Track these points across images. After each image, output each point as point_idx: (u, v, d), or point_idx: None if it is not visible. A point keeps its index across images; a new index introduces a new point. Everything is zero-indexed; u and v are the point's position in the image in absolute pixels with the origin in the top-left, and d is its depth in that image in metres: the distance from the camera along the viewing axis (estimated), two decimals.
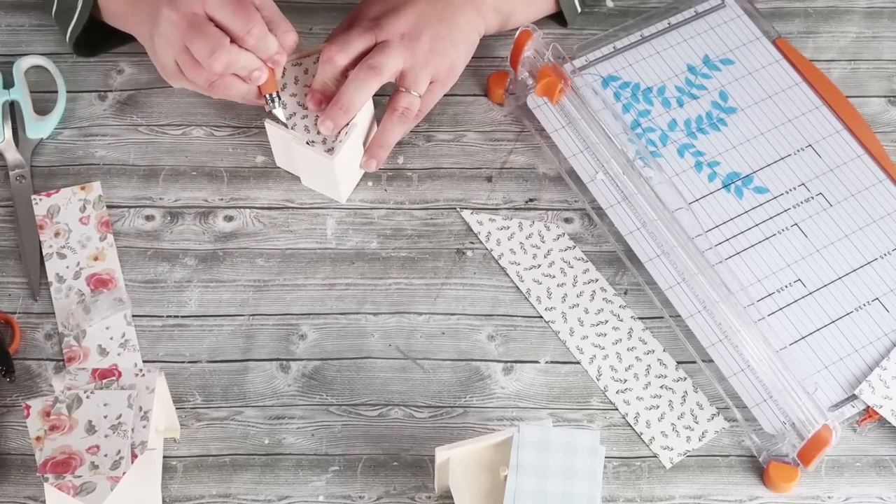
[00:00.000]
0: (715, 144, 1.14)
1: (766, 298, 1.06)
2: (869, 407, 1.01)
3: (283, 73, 1.10)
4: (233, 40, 1.02)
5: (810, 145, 1.14)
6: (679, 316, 1.06)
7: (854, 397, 1.02)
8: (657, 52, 1.19)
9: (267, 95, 1.06)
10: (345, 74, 1.08)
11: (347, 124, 1.07)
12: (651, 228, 1.07)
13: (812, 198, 1.11)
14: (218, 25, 1.02)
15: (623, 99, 1.16)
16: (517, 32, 1.13)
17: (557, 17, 1.21)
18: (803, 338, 1.05)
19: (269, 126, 1.09)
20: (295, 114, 1.09)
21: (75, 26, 1.15)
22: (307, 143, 1.07)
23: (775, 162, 1.13)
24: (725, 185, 1.12)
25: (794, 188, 1.12)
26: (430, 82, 1.11)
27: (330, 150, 1.07)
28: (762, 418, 1.01)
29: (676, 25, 1.20)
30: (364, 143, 1.11)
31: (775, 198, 1.11)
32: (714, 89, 1.17)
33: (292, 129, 1.08)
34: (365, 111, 1.09)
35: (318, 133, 1.08)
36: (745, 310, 1.01)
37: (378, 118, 1.11)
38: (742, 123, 1.15)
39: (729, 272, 1.03)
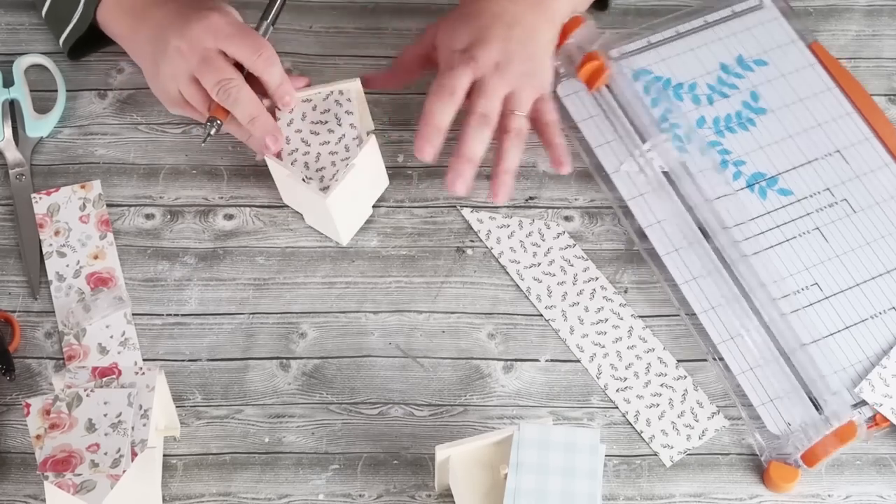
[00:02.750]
0: (742, 144, 1.14)
1: (781, 300, 1.06)
2: (876, 414, 1.01)
3: (291, 111, 1.10)
4: (244, 73, 1.06)
5: (838, 151, 1.14)
6: (690, 313, 1.06)
7: (863, 403, 1.02)
8: (691, 49, 1.19)
9: (211, 120, 1.07)
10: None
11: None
12: (678, 220, 1.08)
13: (836, 203, 1.11)
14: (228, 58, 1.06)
15: (653, 93, 1.16)
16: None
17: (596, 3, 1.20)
18: (815, 341, 1.04)
19: (270, 162, 1.08)
20: (297, 150, 1.08)
21: (70, 35, 1.16)
22: (303, 179, 1.06)
23: (802, 165, 1.13)
24: (749, 185, 1.12)
25: (819, 192, 1.12)
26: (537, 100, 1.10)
27: (325, 189, 1.06)
28: (767, 418, 1.01)
29: (712, 24, 1.20)
30: (363, 181, 1.10)
31: (799, 201, 1.11)
32: (745, 89, 1.17)
33: (293, 164, 1.07)
34: (368, 150, 1.07)
35: (318, 171, 1.07)
36: (773, 303, 1.03)
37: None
38: (771, 125, 1.15)
39: (761, 265, 1.05)
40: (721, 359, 1.04)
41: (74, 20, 1.14)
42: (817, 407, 1.00)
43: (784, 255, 1.08)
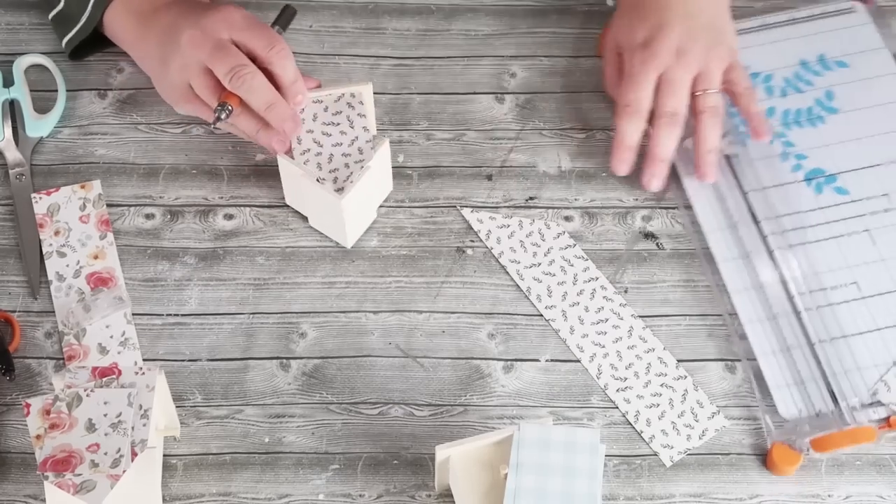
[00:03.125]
0: (807, 139, 1.15)
1: (817, 292, 1.07)
2: (890, 416, 1.01)
3: (303, 111, 1.09)
4: (256, 62, 1.05)
5: None
6: (723, 291, 1.07)
7: (878, 404, 1.02)
8: (774, 42, 1.20)
9: (222, 104, 1.05)
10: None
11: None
12: (731, 201, 1.11)
13: (891, 209, 1.11)
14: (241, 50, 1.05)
15: None
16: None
17: None
18: (843, 337, 1.05)
19: (282, 161, 1.07)
20: (309, 150, 1.07)
21: (74, 37, 1.16)
22: (317, 179, 1.06)
23: (863, 168, 1.13)
24: (807, 179, 1.13)
25: (876, 196, 1.12)
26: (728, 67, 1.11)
27: (340, 190, 1.05)
28: (780, 401, 1.02)
29: (800, 20, 1.21)
30: (374, 184, 1.09)
31: (853, 201, 1.11)
32: (821, 87, 1.18)
33: (305, 164, 1.06)
34: (381, 153, 1.07)
35: (331, 171, 1.06)
36: (808, 293, 1.06)
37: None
38: (841, 125, 1.15)
39: (804, 255, 1.08)
40: (745, 337, 1.05)
41: (81, 23, 1.14)
42: (834, 400, 1.01)
43: (828, 251, 1.09)
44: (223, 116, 1.05)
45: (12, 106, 1.17)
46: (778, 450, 1.00)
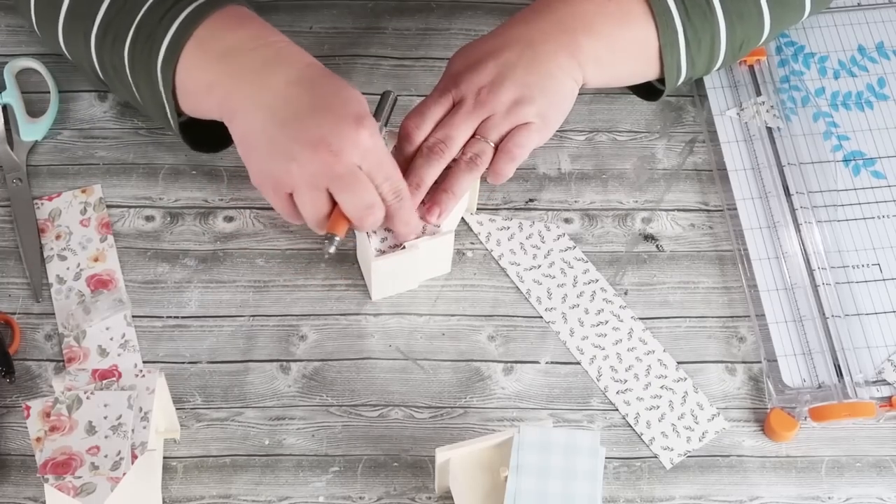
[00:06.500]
0: (852, 122, 1.17)
1: (839, 269, 1.08)
2: (892, 396, 1.02)
3: None
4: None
5: None
6: (745, 258, 1.09)
7: (884, 382, 1.03)
8: (835, 25, 1.22)
9: (330, 235, 0.98)
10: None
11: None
12: (765, 172, 1.12)
13: None
14: None
15: (783, 55, 1.19)
16: None
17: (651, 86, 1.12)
18: (857, 315, 1.06)
19: None
20: None
21: (175, 124, 1.04)
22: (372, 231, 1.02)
23: None
24: (846, 160, 1.14)
25: None
26: (517, 126, 1.01)
27: (379, 252, 1.02)
28: (785, 369, 1.04)
29: (865, 7, 1.23)
30: (419, 262, 1.05)
31: (889, 186, 1.13)
32: (875, 74, 1.19)
33: None
34: (440, 241, 1.03)
35: (387, 230, 1.02)
36: (829, 269, 1.08)
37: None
38: (888, 112, 1.17)
39: (830, 232, 1.10)
40: (760, 304, 1.07)
41: (166, 104, 1.03)
42: (839, 375, 1.03)
43: (856, 231, 1.11)
44: (331, 251, 0.98)
45: (5, 110, 1.16)
46: (776, 415, 1.01)
